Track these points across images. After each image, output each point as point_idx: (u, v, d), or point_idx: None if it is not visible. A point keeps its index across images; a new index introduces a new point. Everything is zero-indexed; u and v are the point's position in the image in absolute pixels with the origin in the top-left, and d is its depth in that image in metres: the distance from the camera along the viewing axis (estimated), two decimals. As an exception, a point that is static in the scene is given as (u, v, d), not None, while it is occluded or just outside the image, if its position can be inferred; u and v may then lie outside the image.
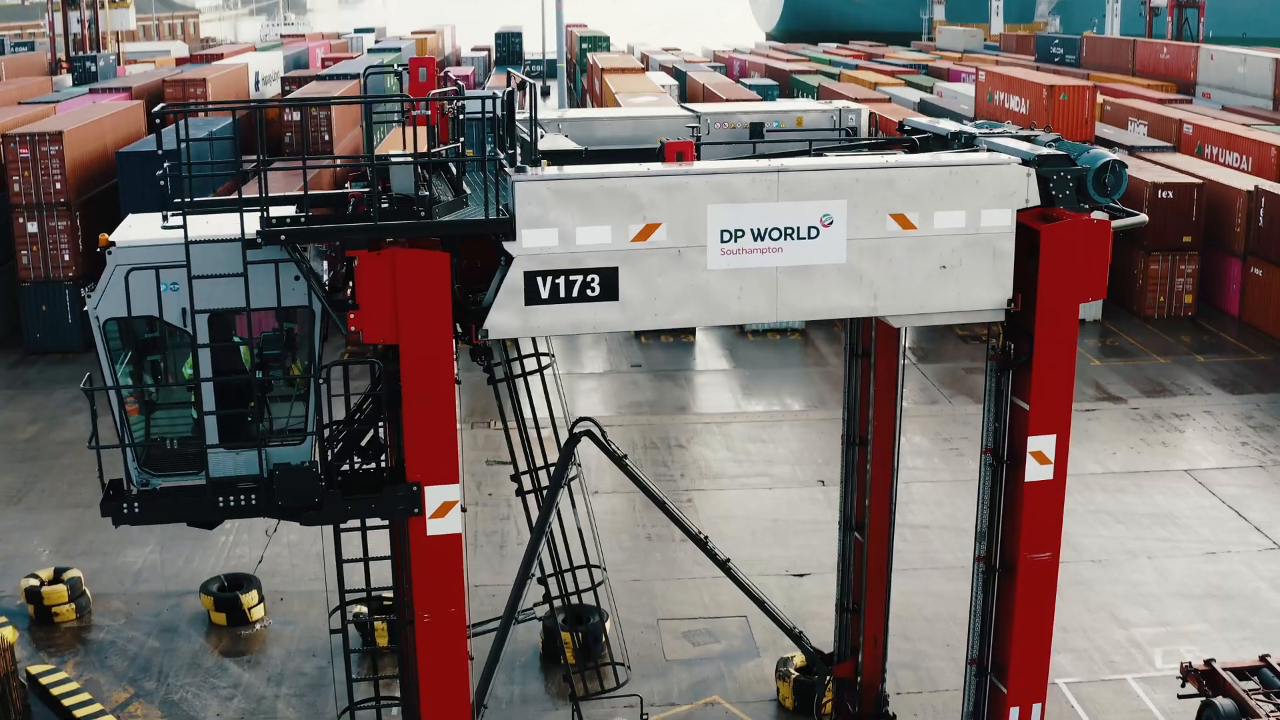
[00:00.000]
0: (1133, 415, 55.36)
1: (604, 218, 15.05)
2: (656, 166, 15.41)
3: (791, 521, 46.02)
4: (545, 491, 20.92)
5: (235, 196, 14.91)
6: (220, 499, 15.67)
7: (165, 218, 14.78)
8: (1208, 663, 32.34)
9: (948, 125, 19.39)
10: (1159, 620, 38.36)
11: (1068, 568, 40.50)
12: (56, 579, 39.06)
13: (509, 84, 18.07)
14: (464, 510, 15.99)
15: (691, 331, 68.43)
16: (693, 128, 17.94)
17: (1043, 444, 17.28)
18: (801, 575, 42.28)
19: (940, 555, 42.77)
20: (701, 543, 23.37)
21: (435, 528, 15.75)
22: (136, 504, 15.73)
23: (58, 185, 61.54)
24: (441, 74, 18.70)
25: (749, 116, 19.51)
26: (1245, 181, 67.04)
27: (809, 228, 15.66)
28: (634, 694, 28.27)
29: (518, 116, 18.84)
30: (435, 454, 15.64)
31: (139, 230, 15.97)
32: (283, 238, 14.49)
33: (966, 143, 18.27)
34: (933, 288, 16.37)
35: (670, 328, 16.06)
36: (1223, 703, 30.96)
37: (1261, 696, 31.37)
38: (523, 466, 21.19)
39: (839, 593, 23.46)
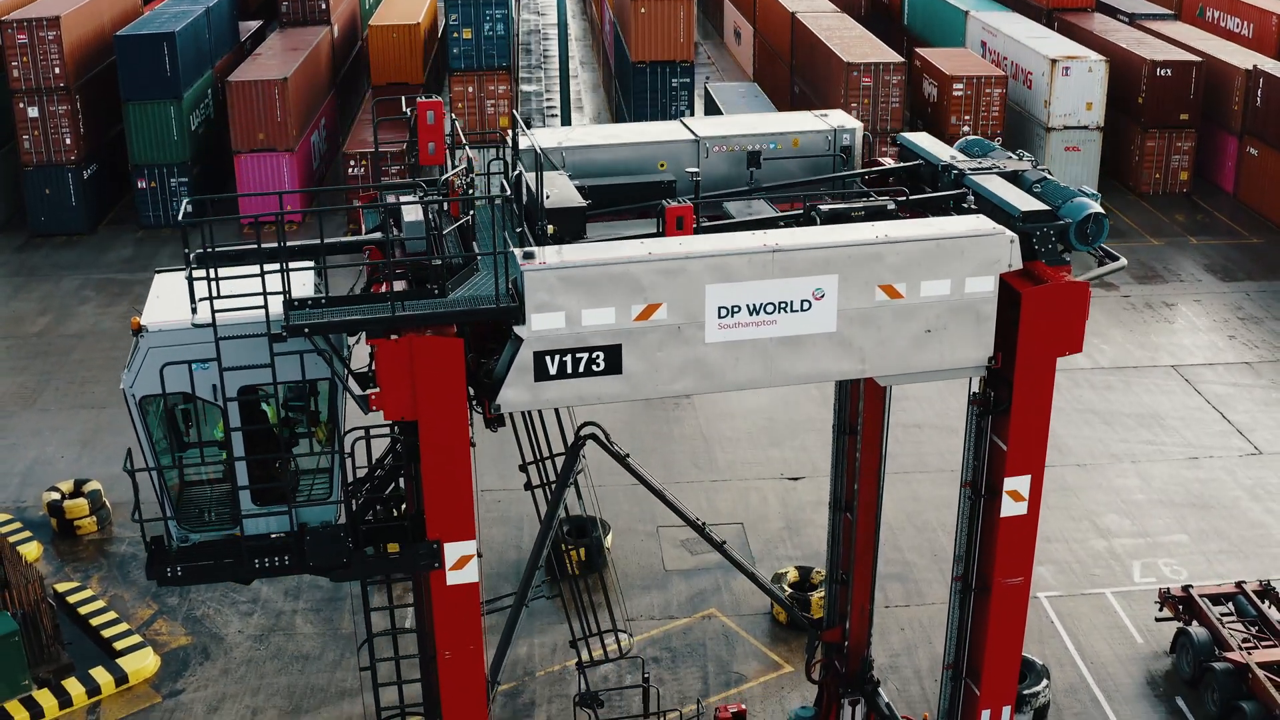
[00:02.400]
0: (1124, 304, 56.30)
1: (608, 300, 15.94)
2: (657, 249, 16.21)
3: (787, 421, 47.38)
4: (553, 487, 22.07)
5: (260, 266, 15.77)
6: (256, 561, 16.91)
7: (195, 310, 15.59)
8: (1185, 589, 33.75)
9: (938, 151, 20.07)
10: (1139, 530, 39.83)
11: (1053, 471, 41.89)
12: (77, 492, 40.40)
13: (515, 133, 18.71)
14: (480, 555, 17.24)
15: (690, 206, 69.00)
16: (692, 173, 18.61)
17: (1018, 484, 18.49)
18: (796, 479, 43.79)
19: (929, 458, 44.18)
20: (700, 529, 24.68)
21: (454, 578, 17.10)
22: (180, 569, 16.92)
23: (56, 70, 61.60)
24: (451, 120, 19.32)
25: (747, 140, 20.19)
26: (1244, 59, 66.94)
27: (802, 301, 16.55)
28: (638, 656, 29.85)
29: (523, 146, 19.58)
30: (453, 514, 16.86)
31: (168, 302, 16.72)
32: (306, 330, 15.44)
33: (954, 181, 18.99)
34: (918, 350, 17.30)
35: (670, 395, 17.05)
36: (1197, 631, 32.42)
37: (1235, 624, 32.86)
38: (529, 457, 22.31)
39: (829, 565, 24.87)
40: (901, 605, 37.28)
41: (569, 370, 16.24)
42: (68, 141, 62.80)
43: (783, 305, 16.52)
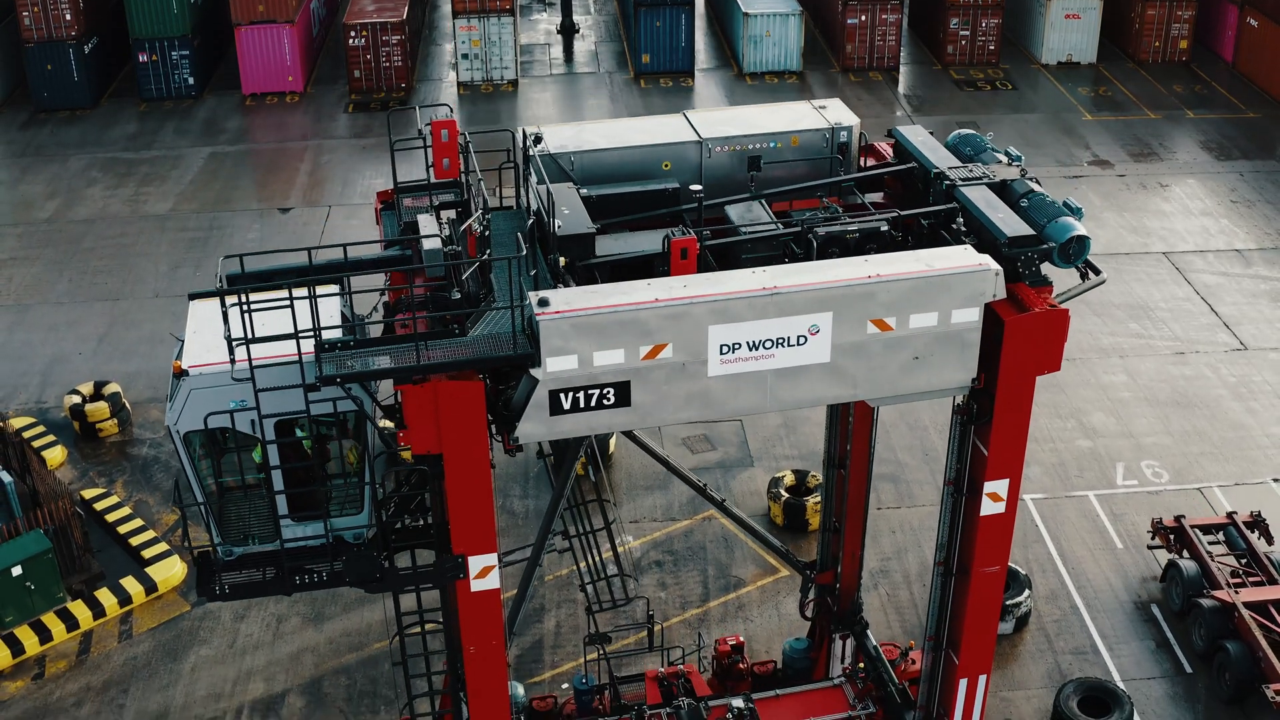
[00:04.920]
0: (1119, 184, 56.94)
1: (618, 343, 17.09)
2: (663, 294, 17.29)
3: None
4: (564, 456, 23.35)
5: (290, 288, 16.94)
6: (297, 578, 18.39)
7: (233, 362, 16.66)
8: (1177, 519, 34.48)
9: (931, 154, 20.88)
10: (1124, 430, 41.21)
11: (1044, 366, 43.31)
12: (97, 394, 41.68)
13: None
14: (501, 559, 18.76)
15: (690, 74, 69.35)
16: (696, 192, 19.57)
17: (998, 486, 19.91)
18: (793, 374, 45.09)
19: (924, 353, 45.30)
20: (701, 489, 26.09)
21: (477, 585, 18.75)
22: (228, 586, 18.46)
23: (54, -56, 61.34)
24: (463, 140, 20.15)
25: (748, 139, 21.07)
26: (1248, -74, 66.52)
27: (798, 336, 17.68)
28: (642, 596, 31.46)
29: (533, 152, 20.51)
30: (476, 531, 18.38)
31: (205, 339, 17.75)
32: (339, 380, 16.63)
33: (945, 193, 19.88)
34: (906, 375, 18.47)
35: (675, 423, 18.32)
36: (1186, 565, 33.13)
37: (1226, 557, 33.38)
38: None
39: (823, 515, 26.34)
40: (893, 507, 38.83)
41: (581, 405, 17.49)
42: (68, 17, 62.78)
43: (780, 341, 17.69)
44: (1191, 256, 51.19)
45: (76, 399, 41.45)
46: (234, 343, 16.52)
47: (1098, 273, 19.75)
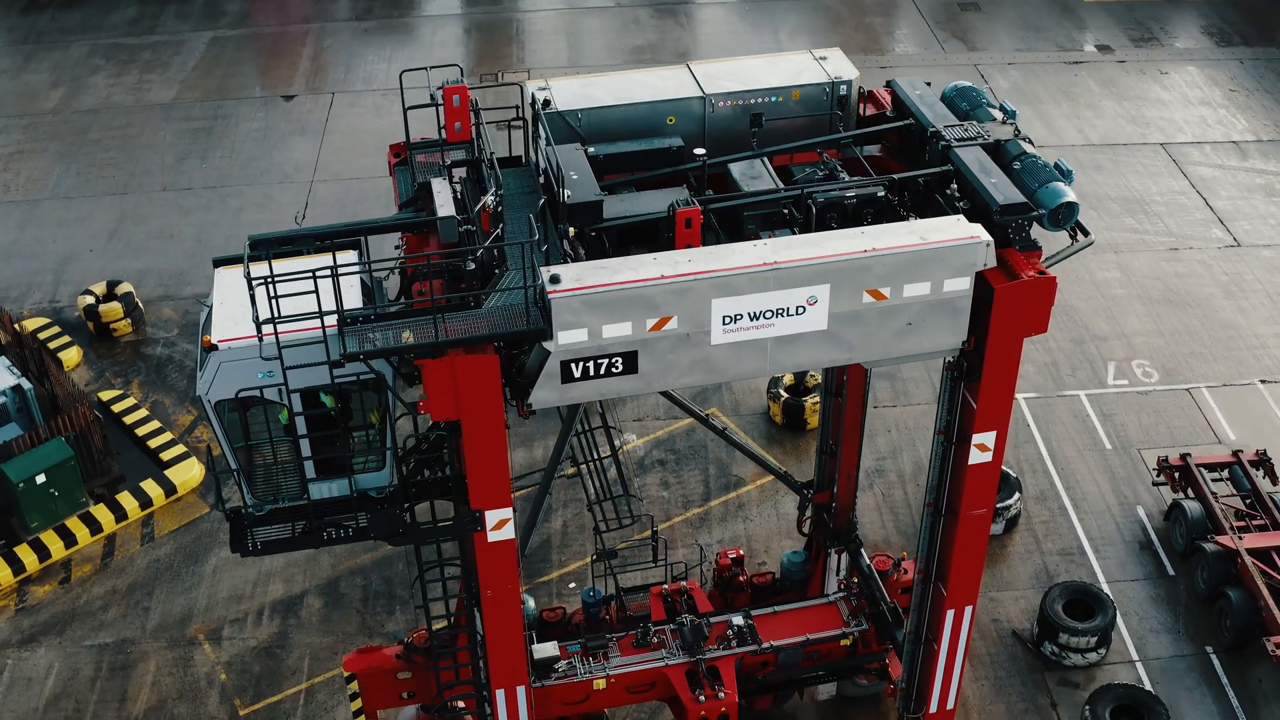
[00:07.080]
0: (1119, 70, 57.04)
1: (625, 316, 17.99)
2: (669, 268, 18.10)
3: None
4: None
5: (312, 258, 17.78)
6: (325, 533, 19.52)
7: (260, 340, 17.48)
8: (1183, 457, 34.48)
9: (928, 110, 21.48)
10: (1116, 330, 42.09)
11: (1039, 263, 43.99)
12: (110, 294, 42.54)
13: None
14: (515, 511, 19.92)
15: (695, -51, 68.80)
16: (698, 154, 20.29)
17: (985, 438, 20.97)
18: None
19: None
20: (704, 420, 27.09)
21: (494, 537, 19.99)
22: (260, 542, 19.60)
23: None
24: (474, 103, 20.78)
25: (751, 94, 21.71)
26: None
27: (797, 307, 18.58)
28: (647, 514, 32.59)
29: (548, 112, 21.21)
30: (492, 488, 19.52)
31: (232, 310, 18.56)
32: (361, 356, 17.57)
33: (941, 154, 20.54)
34: (899, 340, 19.40)
35: (680, 387, 19.29)
36: (1190, 506, 33.28)
37: (1230, 496, 33.59)
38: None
39: (820, 438, 27.42)
40: (889, 405, 39.91)
41: (591, 373, 18.49)
42: (64, -103, 62.15)
43: (780, 311, 18.61)
44: (1188, 148, 51.56)
45: (90, 299, 42.28)
46: (261, 324, 17.41)
47: (1086, 234, 20.51)
